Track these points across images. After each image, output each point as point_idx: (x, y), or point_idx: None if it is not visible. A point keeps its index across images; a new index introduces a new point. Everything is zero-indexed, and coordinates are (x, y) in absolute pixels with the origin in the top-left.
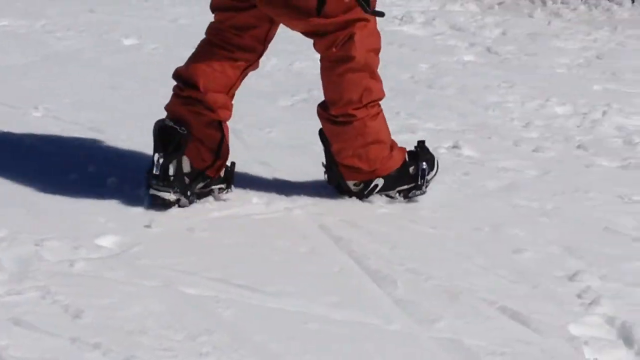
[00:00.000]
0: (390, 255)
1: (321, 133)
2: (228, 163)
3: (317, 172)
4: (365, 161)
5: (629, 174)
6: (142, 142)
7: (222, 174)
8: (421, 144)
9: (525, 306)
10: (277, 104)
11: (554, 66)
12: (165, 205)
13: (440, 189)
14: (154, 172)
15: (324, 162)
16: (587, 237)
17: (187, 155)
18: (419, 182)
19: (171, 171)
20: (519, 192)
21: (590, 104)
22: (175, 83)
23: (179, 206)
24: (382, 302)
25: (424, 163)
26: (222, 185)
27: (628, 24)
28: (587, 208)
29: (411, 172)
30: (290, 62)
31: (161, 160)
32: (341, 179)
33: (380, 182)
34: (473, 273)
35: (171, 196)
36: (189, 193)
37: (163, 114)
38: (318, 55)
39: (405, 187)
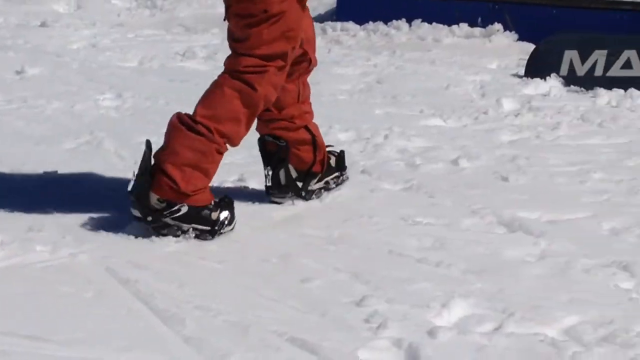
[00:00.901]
0: (178, 294)
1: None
2: (337, 151)
3: (102, 215)
4: (185, 180)
5: (412, 196)
6: None
7: (332, 163)
8: (228, 199)
9: (314, 335)
10: (60, 147)
11: (335, 93)
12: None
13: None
14: (267, 183)
15: (136, 171)
16: (373, 261)
17: (291, 163)
18: (215, 229)
19: (282, 180)
20: (307, 221)
21: (373, 128)
22: None
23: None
24: (172, 342)
25: (226, 212)
26: (336, 174)
27: (406, 47)
28: (373, 232)
29: (212, 218)
30: (71, 104)
31: (271, 173)
32: (146, 188)
33: (185, 208)
34: (262, 305)
35: (287, 201)
36: (303, 194)
37: None
38: (98, 96)
39: (200, 227)
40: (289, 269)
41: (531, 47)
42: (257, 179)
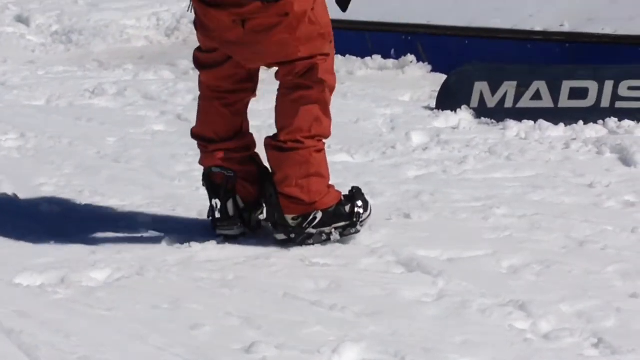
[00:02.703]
0: (63, 345)
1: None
2: None
3: None
4: (306, 193)
5: None
6: None
7: None
8: (356, 188)
9: None
10: None
11: None
12: (234, 238)
13: (120, 267)
14: (216, 215)
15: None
16: (267, 305)
17: (238, 194)
18: (354, 220)
19: (230, 211)
20: (200, 264)
21: None
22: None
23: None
24: None
25: (359, 202)
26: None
27: None
28: (268, 274)
29: (347, 211)
30: None
31: (219, 204)
32: (279, 213)
33: (319, 215)
34: (148, 354)
35: (235, 231)
36: (251, 224)
37: None
38: (1, 137)
39: (342, 224)
40: (179, 315)
41: (444, 78)
42: (152, 222)
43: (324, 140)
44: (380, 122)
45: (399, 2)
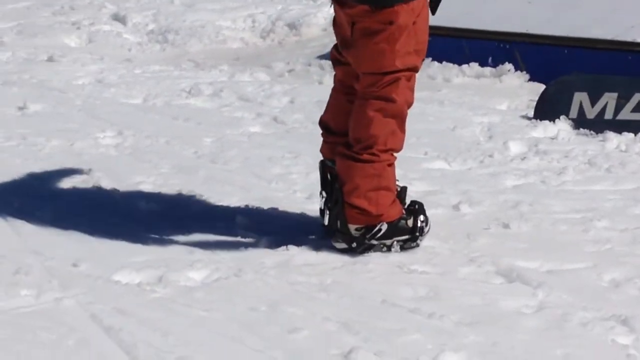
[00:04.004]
0: (161, 343)
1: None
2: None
3: (92, 258)
4: (374, 205)
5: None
6: None
7: None
8: (419, 203)
9: None
10: (54, 186)
11: None
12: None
13: (218, 267)
14: (321, 206)
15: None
16: (365, 311)
17: None
18: (416, 234)
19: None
20: (298, 268)
21: None
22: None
23: None
24: None
25: (422, 216)
26: None
27: (416, 86)
28: (366, 280)
29: (410, 225)
30: (71, 142)
31: (325, 196)
32: (342, 222)
33: (384, 227)
34: (246, 356)
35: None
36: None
37: None
38: (99, 134)
39: (404, 237)
40: (276, 318)
41: (542, 87)
42: (249, 224)
43: (395, 154)
44: (478, 131)
45: (497, 10)
